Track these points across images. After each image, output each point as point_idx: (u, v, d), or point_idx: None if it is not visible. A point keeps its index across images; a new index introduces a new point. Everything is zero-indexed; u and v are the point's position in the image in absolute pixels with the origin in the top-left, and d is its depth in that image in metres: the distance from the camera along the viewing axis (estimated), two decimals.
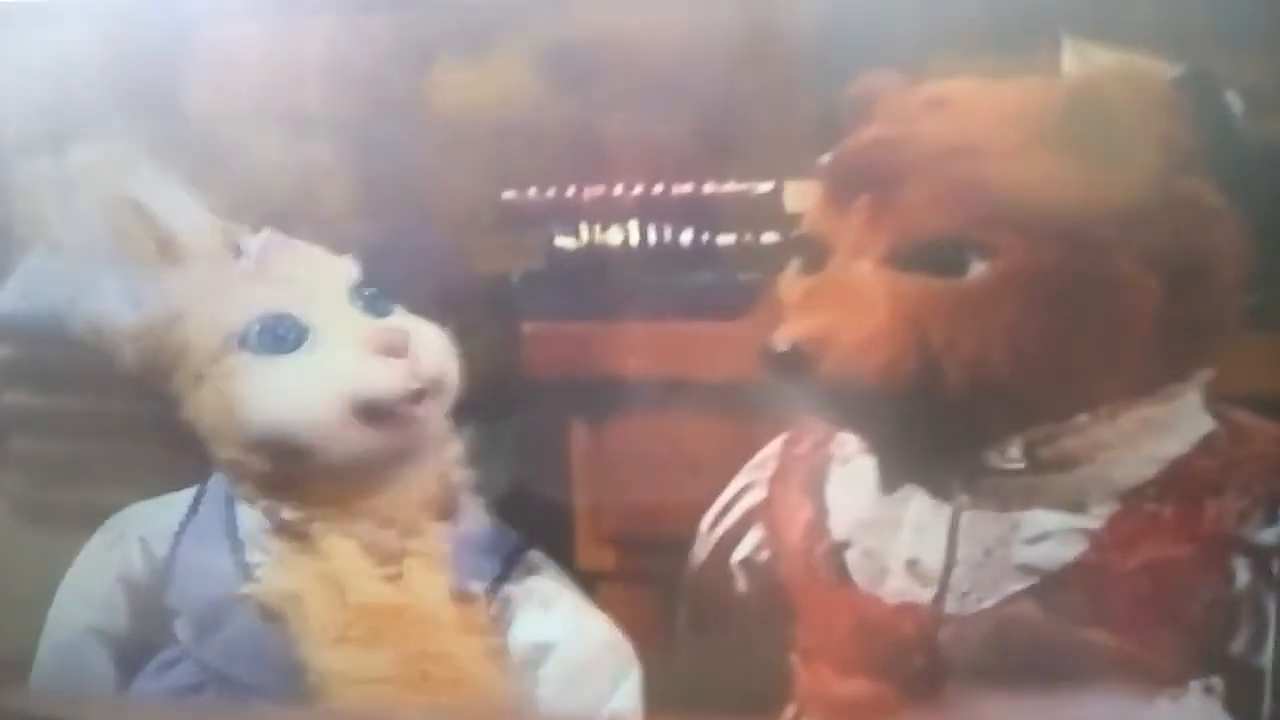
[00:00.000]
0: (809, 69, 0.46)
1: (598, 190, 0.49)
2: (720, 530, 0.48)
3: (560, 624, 0.50)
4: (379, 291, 0.51)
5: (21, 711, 0.59)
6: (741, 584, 0.48)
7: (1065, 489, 0.43)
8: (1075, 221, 0.41)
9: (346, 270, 0.52)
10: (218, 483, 0.54)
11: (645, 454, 0.49)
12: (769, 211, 0.47)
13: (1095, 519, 0.43)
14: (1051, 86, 0.42)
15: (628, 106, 0.49)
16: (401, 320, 0.51)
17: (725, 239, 0.48)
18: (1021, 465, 0.43)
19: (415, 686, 0.49)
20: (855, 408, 0.44)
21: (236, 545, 0.53)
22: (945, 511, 0.44)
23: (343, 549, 0.51)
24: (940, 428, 0.44)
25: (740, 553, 0.48)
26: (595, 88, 0.49)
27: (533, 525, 0.51)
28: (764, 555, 0.47)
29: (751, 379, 0.45)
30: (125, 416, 0.57)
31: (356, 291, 0.51)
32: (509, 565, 0.51)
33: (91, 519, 0.58)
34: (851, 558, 0.46)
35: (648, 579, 0.49)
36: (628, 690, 0.50)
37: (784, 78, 0.47)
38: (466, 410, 0.50)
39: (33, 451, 0.60)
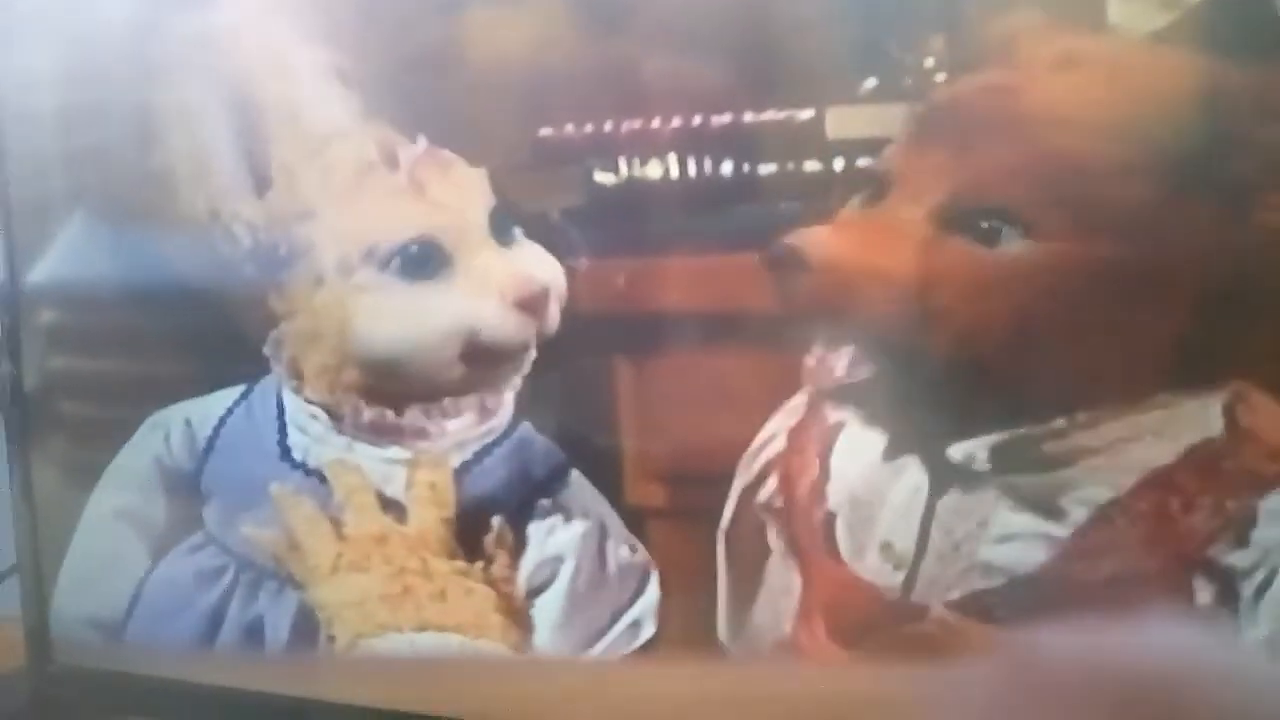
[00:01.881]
0: None
1: (635, 124, 0.48)
2: (749, 472, 0.47)
3: (575, 540, 0.50)
4: (508, 216, 0.50)
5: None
6: (762, 527, 0.47)
7: (1039, 491, 0.42)
8: (1138, 223, 0.39)
9: (485, 189, 0.51)
10: (270, 379, 0.54)
11: (691, 389, 0.48)
12: (810, 140, 0.46)
13: (1064, 526, 0.41)
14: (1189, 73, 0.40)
15: (663, 37, 0.48)
16: (526, 249, 0.50)
17: (766, 169, 0.47)
18: (989, 465, 0.42)
19: (398, 602, 0.50)
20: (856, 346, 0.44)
21: (281, 428, 0.54)
22: (923, 498, 0.44)
23: (355, 481, 0.52)
24: (926, 402, 0.43)
25: (761, 497, 0.47)
26: (629, 18, 0.48)
27: (579, 462, 0.50)
28: (778, 504, 0.47)
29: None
30: (170, 379, 0.57)
31: (492, 215, 0.50)
32: (549, 480, 0.51)
33: None
34: (839, 529, 0.45)
35: (697, 514, 0.48)
36: (632, 618, 0.50)
37: (823, 2, 0.46)
38: (581, 342, 0.50)
39: (79, 416, 0.60)
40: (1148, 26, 0.41)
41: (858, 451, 0.45)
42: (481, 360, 0.50)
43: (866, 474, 0.45)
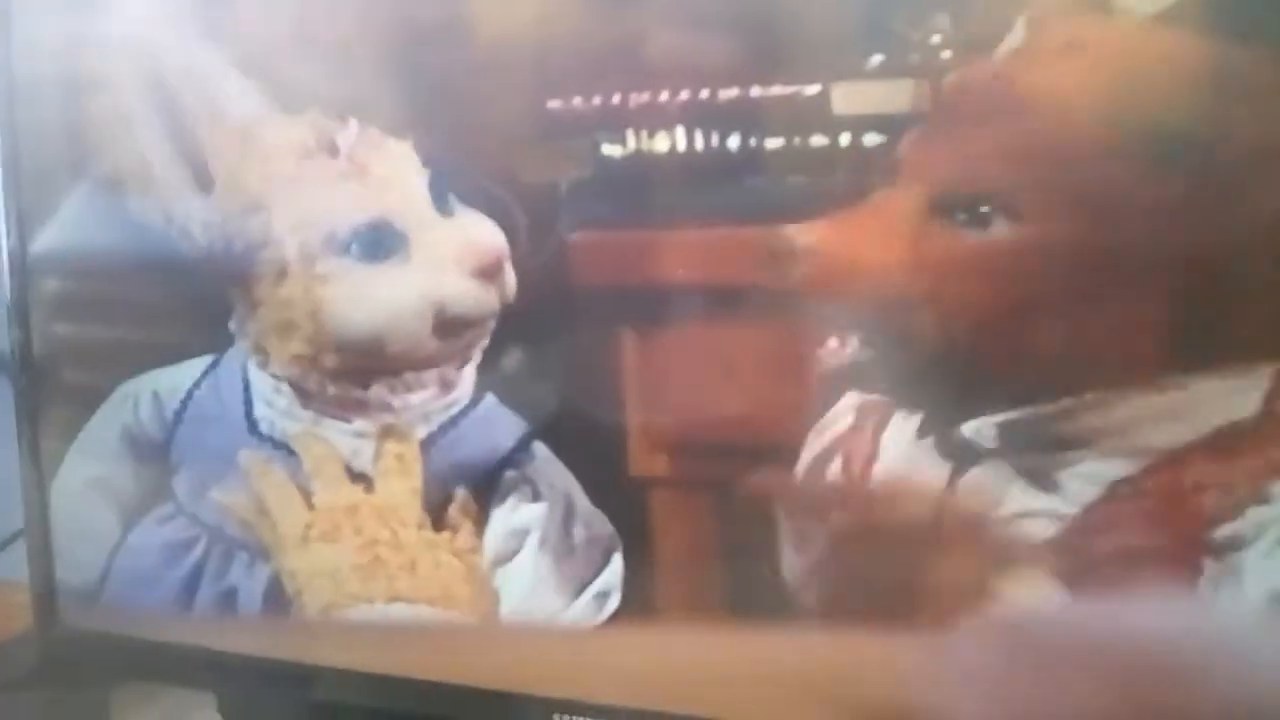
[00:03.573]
0: None
1: (643, 97, 0.48)
2: (819, 443, 0.47)
3: (541, 512, 0.51)
4: (444, 186, 0.51)
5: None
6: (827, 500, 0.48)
7: (1049, 470, 0.42)
8: (1126, 207, 0.40)
9: (415, 163, 0.51)
10: (235, 350, 0.55)
11: (696, 361, 0.48)
12: (817, 115, 0.46)
13: (1074, 505, 0.42)
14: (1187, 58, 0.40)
15: (671, 10, 0.48)
16: (466, 216, 0.51)
17: (773, 143, 0.47)
18: (997, 443, 0.43)
19: (369, 572, 0.51)
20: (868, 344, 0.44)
21: (248, 402, 0.54)
22: (945, 476, 0.44)
23: (324, 452, 0.53)
24: (937, 382, 0.44)
25: (830, 472, 0.47)
26: None
27: (584, 433, 0.50)
28: (840, 480, 0.47)
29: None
30: (175, 347, 0.57)
31: (430, 187, 0.51)
32: (514, 451, 0.51)
33: None
34: None
35: (701, 485, 0.49)
36: (598, 589, 0.50)
37: None
38: (515, 318, 0.50)
39: (83, 384, 0.60)
40: (1153, 8, 0.42)
41: (901, 430, 0.46)
42: (452, 331, 0.51)
43: (904, 453, 0.45)
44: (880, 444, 0.46)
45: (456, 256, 0.50)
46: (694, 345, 0.48)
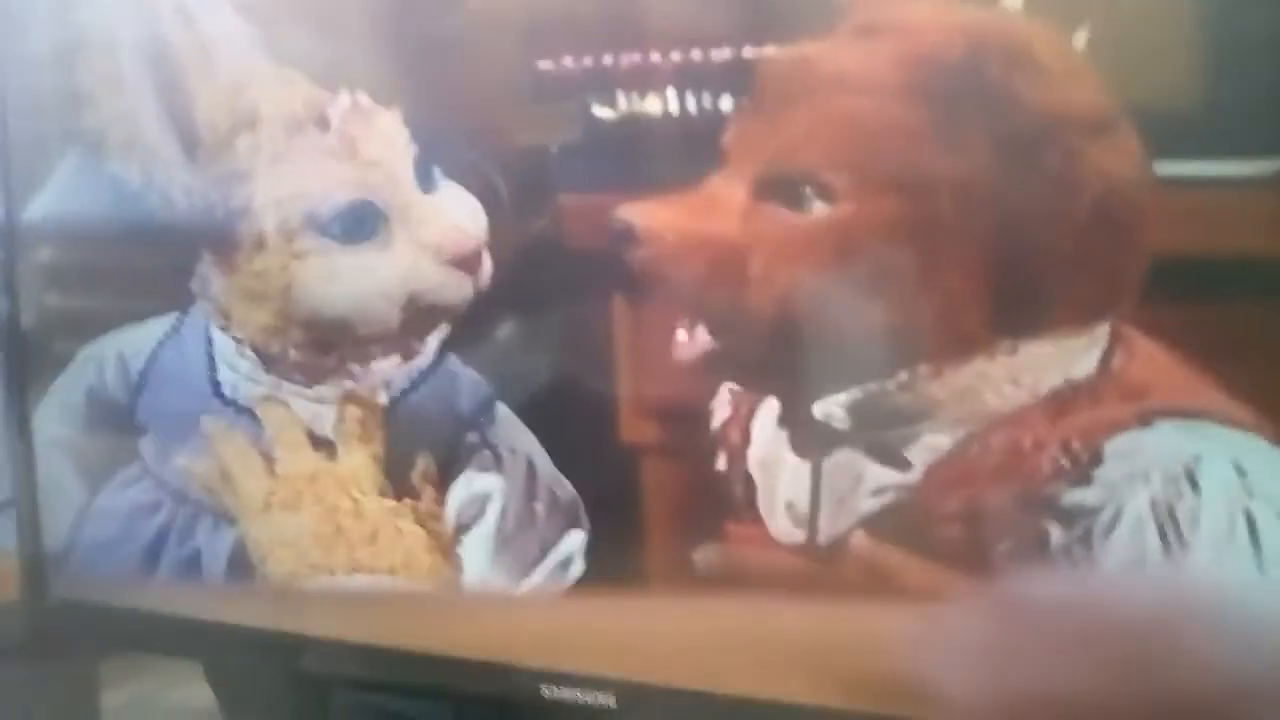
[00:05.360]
0: None
1: (634, 58, 0.47)
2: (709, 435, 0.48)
3: (503, 478, 0.51)
4: (429, 162, 0.50)
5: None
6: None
7: (897, 444, 0.43)
8: (926, 182, 0.40)
9: (404, 137, 0.50)
10: (199, 311, 0.54)
11: (664, 326, 0.48)
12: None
13: (918, 472, 0.43)
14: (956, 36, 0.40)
15: None
16: (448, 194, 0.50)
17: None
18: (849, 422, 0.43)
19: (331, 542, 0.51)
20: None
21: (211, 365, 0.54)
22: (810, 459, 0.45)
23: (285, 417, 0.53)
24: (785, 366, 0.44)
25: (719, 465, 0.48)
26: None
27: (548, 395, 0.50)
28: (724, 469, 0.47)
29: None
30: (140, 307, 0.57)
31: (416, 164, 0.50)
32: (476, 414, 0.51)
33: None
34: (759, 492, 0.46)
35: (689, 452, 0.48)
36: (560, 556, 0.50)
37: None
38: (506, 280, 0.50)
39: (65, 352, 0.60)
40: None
41: (767, 416, 0.46)
42: (422, 316, 0.50)
43: (771, 438, 0.46)
44: (750, 432, 0.47)
45: (436, 244, 0.49)
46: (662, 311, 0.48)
